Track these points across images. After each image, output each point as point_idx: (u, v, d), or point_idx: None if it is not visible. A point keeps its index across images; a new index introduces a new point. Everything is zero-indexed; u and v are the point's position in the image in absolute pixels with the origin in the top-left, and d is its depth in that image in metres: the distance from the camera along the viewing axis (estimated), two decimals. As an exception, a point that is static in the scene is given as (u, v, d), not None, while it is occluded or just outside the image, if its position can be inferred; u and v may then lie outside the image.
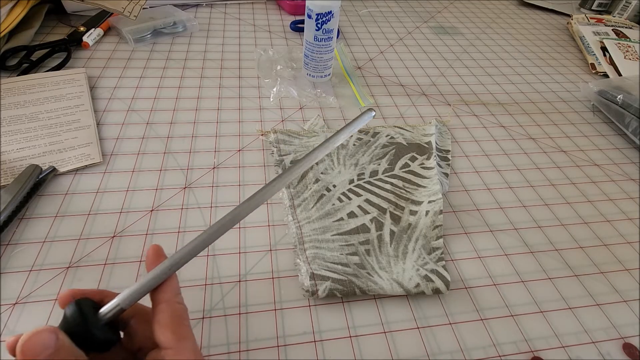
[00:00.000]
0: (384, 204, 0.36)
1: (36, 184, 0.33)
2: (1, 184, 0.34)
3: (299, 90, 0.50)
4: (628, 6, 0.80)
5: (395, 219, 0.35)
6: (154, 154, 0.39)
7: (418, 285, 0.30)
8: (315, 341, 0.27)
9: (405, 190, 0.37)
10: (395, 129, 0.45)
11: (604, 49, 0.66)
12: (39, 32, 0.55)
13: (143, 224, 0.33)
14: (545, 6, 0.86)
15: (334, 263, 0.31)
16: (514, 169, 0.43)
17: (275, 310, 0.28)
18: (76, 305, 0.18)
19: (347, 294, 0.29)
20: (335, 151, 0.41)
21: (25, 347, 0.16)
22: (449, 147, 0.44)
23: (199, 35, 0.61)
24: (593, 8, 0.87)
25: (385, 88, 0.54)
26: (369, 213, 0.35)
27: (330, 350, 0.27)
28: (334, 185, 0.37)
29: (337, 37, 0.61)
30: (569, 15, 0.84)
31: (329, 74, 0.53)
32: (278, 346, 0.27)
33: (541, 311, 0.30)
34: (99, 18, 0.58)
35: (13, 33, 0.52)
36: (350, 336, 0.28)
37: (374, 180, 0.38)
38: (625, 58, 0.64)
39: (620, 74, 0.61)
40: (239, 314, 0.28)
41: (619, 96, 0.50)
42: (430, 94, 0.54)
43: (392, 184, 0.38)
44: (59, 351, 0.16)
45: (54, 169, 0.35)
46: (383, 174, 0.39)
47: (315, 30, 0.47)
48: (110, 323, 0.19)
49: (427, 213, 0.35)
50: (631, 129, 0.48)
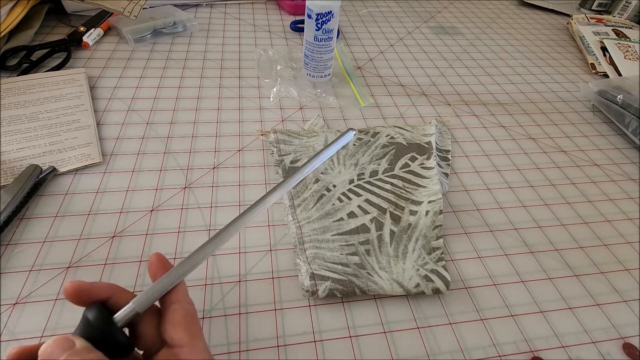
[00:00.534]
0: (384, 204, 0.36)
1: (36, 184, 0.33)
2: (1, 184, 0.34)
3: (299, 90, 0.50)
4: (628, 6, 0.80)
5: (395, 219, 0.35)
6: (154, 154, 0.39)
7: (418, 285, 0.30)
8: (315, 341, 0.27)
9: (405, 190, 0.37)
10: (395, 129, 0.45)
11: (604, 49, 0.66)
12: (39, 32, 0.55)
13: (143, 224, 0.33)
14: (545, 6, 0.86)
15: (334, 263, 0.31)
16: (514, 169, 0.43)
17: (275, 310, 0.28)
18: (98, 309, 0.18)
19: (347, 294, 0.29)
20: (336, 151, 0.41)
21: (44, 354, 0.16)
22: (449, 147, 0.44)
23: (199, 35, 0.61)
24: (593, 8, 0.87)
25: (385, 88, 0.54)
26: (369, 213, 0.35)
27: (330, 350, 0.27)
28: (334, 185, 0.37)
29: (337, 37, 0.61)
30: (569, 15, 0.84)
31: (329, 74, 0.53)
32: (278, 346, 0.27)
33: (541, 311, 0.30)
34: (99, 18, 0.58)
35: (13, 33, 0.52)
36: (350, 336, 0.28)
37: (374, 180, 0.38)
38: (625, 58, 0.64)
39: (620, 74, 0.61)
40: (239, 314, 0.28)
41: (619, 96, 0.50)
42: (430, 94, 0.54)
43: (392, 184, 0.38)
44: (74, 354, 0.16)
45: (54, 169, 0.35)
46: (383, 174, 0.39)
47: (315, 30, 0.47)
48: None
49: (427, 213, 0.35)
50: (631, 129, 0.48)
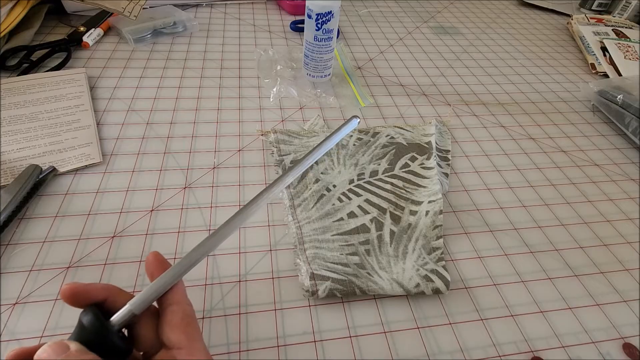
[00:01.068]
0: (384, 204, 0.36)
1: (36, 184, 0.33)
2: (1, 184, 0.34)
3: (299, 90, 0.50)
4: (628, 6, 0.80)
5: (395, 219, 0.35)
6: (154, 154, 0.39)
7: (418, 285, 0.30)
8: (315, 341, 0.27)
9: (405, 190, 0.37)
10: (395, 129, 0.45)
11: (604, 49, 0.66)
12: (39, 32, 0.55)
13: (143, 224, 0.33)
14: (545, 6, 0.86)
15: (334, 263, 0.31)
16: (514, 169, 0.43)
17: (275, 310, 0.28)
18: (93, 313, 0.18)
19: (347, 294, 0.29)
20: (335, 151, 0.41)
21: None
22: (449, 147, 0.44)
23: (199, 35, 0.61)
24: (593, 8, 0.87)
25: (385, 88, 0.54)
26: (369, 213, 0.35)
27: (330, 350, 0.27)
28: (334, 185, 0.37)
29: (337, 37, 0.61)
30: (569, 15, 0.84)
31: (329, 74, 0.53)
32: (278, 346, 0.27)
33: (541, 311, 0.30)
34: (99, 18, 0.58)
35: (13, 33, 0.52)
36: (350, 336, 0.28)
37: (374, 180, 0.38)
38: (625, 58, 0.64)
39: (620, 74, 0.61)
40: (239, 314, 0.28)
41: (619, 96, 0.50)
42: (430, 94, 0.54)
43: (392, 184, 0.38)
44: (71, 356, 0.16)
45: (54, 169, 0.35)
46: (383, 174, 0.39)
47: (315, 30, 0.47)
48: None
49: (427, 213, 0.35)
50: (631, 129, 0.48)
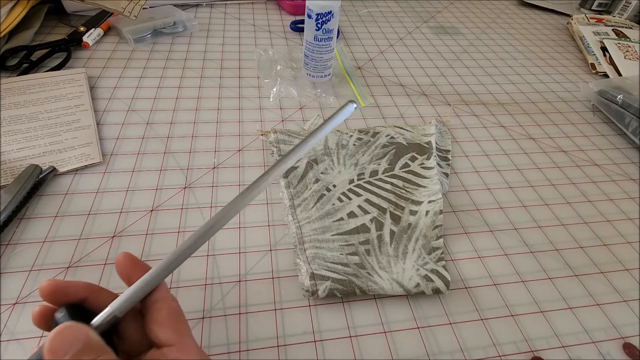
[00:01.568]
0: (384, 204, 0.36)
1: (36, 184, 0.33)
2: (1, 184, 0.34)
3: (299, 90, 0.50)
4: (628, 6, 0.80)
5: (395, 219, 0.35)
6: (154, 154, 0.39)
7: (418, 285, 0.30)
8: (315, 341, 0.27)
9: (406, 190, 0.37)
10: (395, 129, 0.45)
11: (604, 49, 0.66)
12: (39, 32, 0.55)
13: (143, 224, 0.33)
14: (545, 6, 0.86)
15: (334, 263, 0.31)
16: (514, 169, 0.43)
17: (275, 310, 0.28)
18: (67, 311, 0.17)
19: (347, 293, 0.29)
20: (335, 151, 0.41)
21: (53, 343, 0.15)
22: (449, 147, 0.44)
23: (199, 35, 0.61)
24: (593, 8, 0.87)
25: (385, 88, 0.54)
26: (369, 213, 0.35)
27: (330, 350, 0.27)
28: (334, 185, 0.37)
29: (337, 37, 0.61)
30: (569, 15, 0.84)
31: (329, 74, 0.53)
32: (278, 346, 0.27)
33: (541, 311, 0.30)
34: (99, 18, 0.58)
35: (13, 33, 0.52)
36: (350, 336, 0.28)
37: (374, 180, 0.38)
38: (625, 58, 0.64)
39: (620, 74, 0.61)
40: (239, 314, 0.28)
41: (619, 96, 0.50)
42: (430, 94, 0.54)
43: (392, 184, 0.38)
44: (89, 346, 0.15)
45: (54, 169, 0.35)
46: (383, 174, 0.39)
47: (315, 30, 0.47)
48: (103, 333, 0.18)
49: (427, 213, 0.35)
50: (631, 129, 0.48)
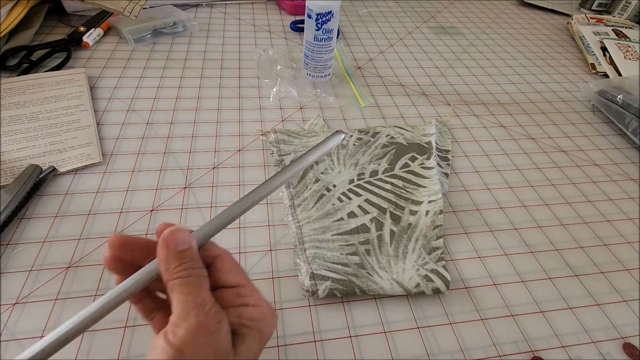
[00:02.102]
0: (384, 204, 0.36)
1: (36, 184, 0.33)
2: (1, 184, 0.34)
3: (299, 90, 0.50)
4: (628, 6, 0.80)
5: (396, 219, 0.35)
6: (154, 154, 0.39)
7: (418, 285, 0.30)
8: (315, 341, 0.27)
9: (406, 190, 0.37)
10: (395, 129, 0.45)
11: (604, 49, 0.66)
12: (39, 32, 0.55)
13: (143, 224, 0.33)
14: (545, 6, 0.86)
15: (334, 263, 0.31)
16: (514, 169, 0.43)
17: (275, 310, 0.28)
18: None
19: (347, 293, 0.29)
20: (335, 151, 0.41)
21: (169, 237, 0.18)
22: (449, 147, 0.44)
23: (199, 35, 0.61)
24: (593, 8, 0.87)
25: (385, 88, 0.54)
26: (369, 213, 0.35)
27: (330, 350, 0.27)
28: (334, 185, 0.37)
29: (337, 37, 0.61)
30: (569, 15, 0.84)
31: (329, 74, 0.53)
32: (278, 346, 0.27)
33: (541, 311, 0.30)
34: (99, 18, 0.58)
35: (13, 33, 0.52)
36: (350, 336, 0.28)
37: (374, 180, 0.38)
38: (625, 58, 0.64)
39: (620, 74, 0.61)
40: (239, 314, 0.28)
41: (619, 96, 0.50)
42: (430, 94, 0.54)
43: (392, 183, 0.38)
44: (190, 252, 0.18)
45: (54, 169, 0.35)
46: (383, 173, 0.39)
47: (315, 30, 0.47)
48: None
49: (427, 213, 0.35)
50: (631, 129, 0.48)
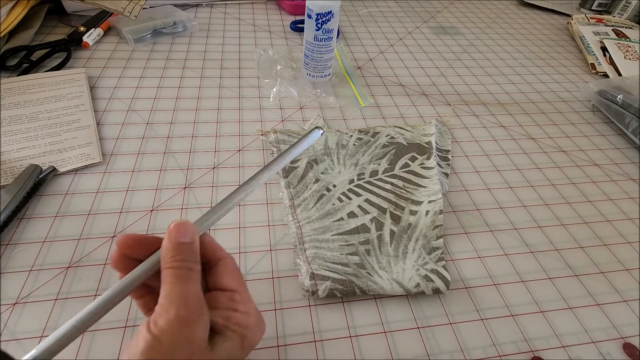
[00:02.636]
0: (384, 204, 0.36)
1: (36, 184, 0.33)
2: (1, 184, 0.34)
3: (299, 90, 0.50)
4: (628, 6, 0.80)
5: (396, 219, 0.35)
6: (154, 154, 0.39)
7: (418, 285, 0.30)
8: (315, 341, 0.27)
9: (406, 190, 0.37)
10: (395, 129, 0.45)
11: (604, 49, 0.66)
12: (39, 32, 0.55)
13: (143, 224, 0.33)
14: (545, 6, 0.86)
15: (334, 263, 0.31)
16: (514, 169, 0.43)
17: (275, 310, 0.28)
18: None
19: (347, 293, 0.29)
20: (335, 151, 0.41)
21: (174, 228, 0.19)
22: (449, 147, 0.44)
23: (199, 35, 0.61)
24: (593, 8, 0.87)
25: (385, 88, 0.54)
26: (369, 213, 0.35)
27: (330, 350, 0.27)
28: (334, 185, 0.37)
29: (337, 37, 0.61)
30: (569, 15, 0.84)
31: (329, 74, 0.53)
32: (278, 346, 0.27)
33: (541, 311, 0.30)
34: (99, 18, 0.58)
35: (13, 33, 0.52)
36: (350, 336, 0.28)
37: (374, 180, 0.38)
38: (625, 58, 0.64)
39: (620, 74, 0.61)
40: (239, 314, 0.28)
41: (619, 96, 0.50)
42: (430, 94, 0.54)
43: (392, 183, 0.38)
44: (189, 246, 0.20)
45: (54, 169, 0.35)
46: (383, 173, 0.39)
47: (315, 30, 0.47)
48: None
49: (427, 213, 0.35)
50: (631, 129, 0.48)
